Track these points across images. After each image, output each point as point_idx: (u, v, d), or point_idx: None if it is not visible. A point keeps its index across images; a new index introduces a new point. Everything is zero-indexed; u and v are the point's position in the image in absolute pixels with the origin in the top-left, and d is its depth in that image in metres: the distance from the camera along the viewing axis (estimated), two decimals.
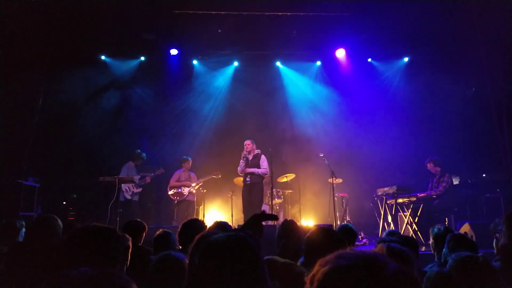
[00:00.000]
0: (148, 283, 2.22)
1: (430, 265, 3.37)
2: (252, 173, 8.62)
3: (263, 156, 8.80)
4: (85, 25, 9.24)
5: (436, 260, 3.78)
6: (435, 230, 4.11)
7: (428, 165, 8.61)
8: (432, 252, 4.11)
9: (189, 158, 9.55)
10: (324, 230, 2.84)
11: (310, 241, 2.66)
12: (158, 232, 3.90)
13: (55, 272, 1.03)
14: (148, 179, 9.05)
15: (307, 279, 0.97)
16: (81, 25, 9.22)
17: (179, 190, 9.31)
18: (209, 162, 10.33)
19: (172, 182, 9.40)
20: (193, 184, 9.37)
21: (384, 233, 4.34)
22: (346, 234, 4.26)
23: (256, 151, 8.84)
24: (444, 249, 3.54)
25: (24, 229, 3.94)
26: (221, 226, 3.58)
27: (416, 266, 2.44)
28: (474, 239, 4.74)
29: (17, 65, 8.28)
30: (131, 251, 3.36)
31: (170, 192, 9.37)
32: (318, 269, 0.94)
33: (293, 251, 3.72)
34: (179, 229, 3.70)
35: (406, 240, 3.28)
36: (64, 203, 9.53)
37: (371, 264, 0.89)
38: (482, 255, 2.61)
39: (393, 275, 0.88)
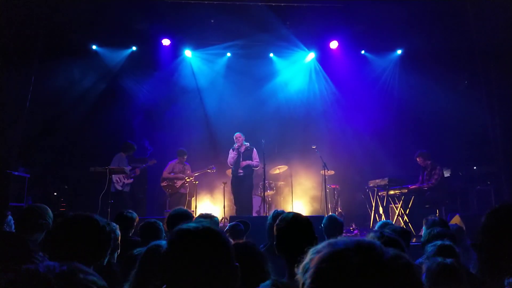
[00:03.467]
0: (137, 274, 2.20)
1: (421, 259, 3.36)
2: (246, 166, 8.70)
3: (254, 150, 8.94)
4: (76, 14, 9.11)
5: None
6: (429, 221, 4.13)
7: (418, 159, 8.61)
8: (422, 242, 4.13)
9: (185, 150, 9.51)
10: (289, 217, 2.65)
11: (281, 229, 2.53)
12: (144, 223, 3.86)
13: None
14: (137, 171, 8.99)
15: (300, 268, 0.94)
16: (72, 14, 9.08)
17: (171, 182, 9.27)
18: (201, 153, 10.32)
19: (165, 173, 9.35)
20: (186, 178, 9.35)
21: (377, 225, 4.35)
22: (331, 225, 4.30)
23: (246, 144, 8.92)
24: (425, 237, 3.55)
25: (12, 220, 3.88)
26: (204, 218, 3.57)
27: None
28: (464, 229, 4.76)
29: (6, 54, 8.15)
30: (122, 241, 3.34)
31: (163, 184, 9.33)
32: (312, 256, 0.91)
33: None
34: (166, 219, 3.69)
35: (399, 231, 3.29)
36: (55, 193, 9.46)
37: (369, 250, 0.87)
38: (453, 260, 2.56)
39: (391, 260, 0.85)
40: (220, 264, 1.36)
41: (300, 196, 10.48)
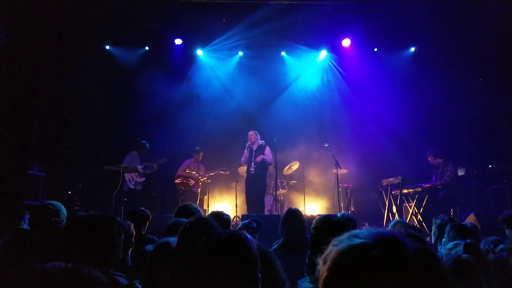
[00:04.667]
0: (146, 271, 2.21)
1: None
2: (256, 164, 8.69)
3: (267, 147, 8.91)
4: (90, 15, 9.19)
5: (438, 249, 3.75)
6: (438, 220, 4.09)
7: (429, 159, 8.57)
8: (433, 242, 4.10)
9: (201, 150, 9.55)
10: (331, 221, 2.75)
11: (317, 232, 2.61)
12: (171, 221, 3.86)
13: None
14: (155, 167, 9.07)
15: (321, 261, 0.91)
16: (86, 15, 9.16)
17: (185, 180, 9.32)
18: (214, 152, 10.33)
19: (180, 171, 9.41)
20: (200, 178, 9.39)
21: (390, 224, 4.30)
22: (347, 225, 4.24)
23: (260, 142, 8.90)
24: (443, 239, 3.51)
25: (28, 216, 3.93)
26: (216, 216, 3.57)
27: None
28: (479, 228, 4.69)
29: (21, 55, 8.26)
30: (134, 239, 3.36)
31: (177, 181, 9.39)
32: (331, 249, 0.88)
33: (297, 240, 3.71)
34: (173, 214, 3.69)
35: (411, 229, 3.25)
36: (70, 192, 9.57)
37: (390, 243, 0.82)
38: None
39: (414, 253, 0.81)
40: (245, 273, 1.42)
41: (313, 195, 10.44)
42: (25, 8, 7.98)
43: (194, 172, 9.39)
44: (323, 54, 11.12)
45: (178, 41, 10.59)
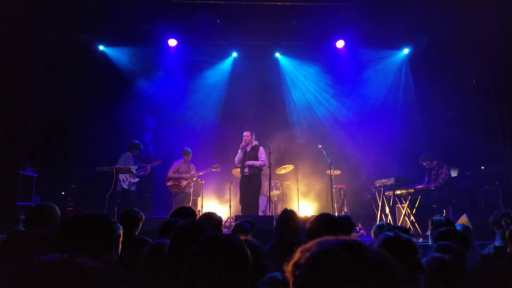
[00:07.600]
0: (140, 271, 2.21)
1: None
2: (250, 165, 8.63)
3: (261, 148, 8.78)
4: (83, 15, 9.16)
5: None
6: (435, 220, 4.11)
7: (424, 164, 8.62)
8: (430, 243, 4.11)
9: (190, 150, 9.53)
10: (325, 218, 2.85)
11: (311, 229, 2.66)
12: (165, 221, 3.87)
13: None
14: (149, 169, 9.06)
15: (288, 267, 1.02)
16: (79, 15, 9.14)
17: (177, 182, 9.30)
18: (207, 152, 10.34)
19: (171, 173, 9.38)
20: (190, 178, 9.37)
21: (374, 227, 4.34)
22: (344, 224, 4.27)
23: (255, 143, 8.84)
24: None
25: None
26: (208, 217, 3.58)
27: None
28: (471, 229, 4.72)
29: (14, 55, 8.22)
30: (127, 240, 3.36)
31: (168, 184, 9.37)
32: (300, 255, 1.00)
33: (291, 241, 3.72)
34: (169, 217, 3.69)
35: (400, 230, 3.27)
36: (63, 193, 9.53)
37: (354, 247, 0.96)
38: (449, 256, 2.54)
39: (374, 255, 0.94)
40: (237, 278, 1.46)
41: (306, 196, 10.46)
42: (18, 9, 7.93)
43: (184, 172, 9.36)
44: (317, 55, 11.12)
45: (172, 42, 10.58)
